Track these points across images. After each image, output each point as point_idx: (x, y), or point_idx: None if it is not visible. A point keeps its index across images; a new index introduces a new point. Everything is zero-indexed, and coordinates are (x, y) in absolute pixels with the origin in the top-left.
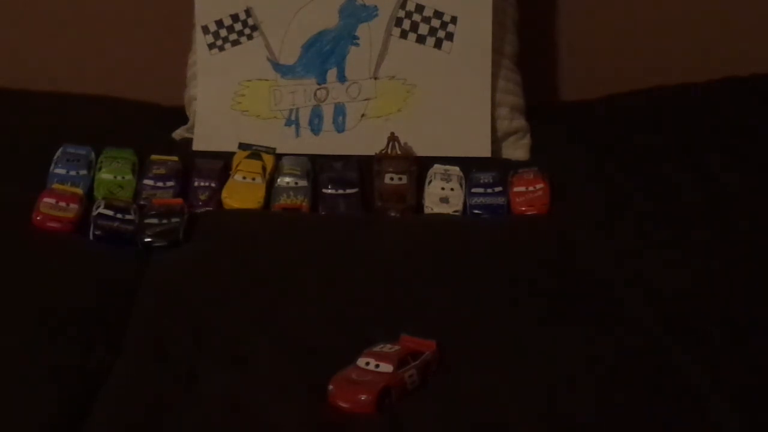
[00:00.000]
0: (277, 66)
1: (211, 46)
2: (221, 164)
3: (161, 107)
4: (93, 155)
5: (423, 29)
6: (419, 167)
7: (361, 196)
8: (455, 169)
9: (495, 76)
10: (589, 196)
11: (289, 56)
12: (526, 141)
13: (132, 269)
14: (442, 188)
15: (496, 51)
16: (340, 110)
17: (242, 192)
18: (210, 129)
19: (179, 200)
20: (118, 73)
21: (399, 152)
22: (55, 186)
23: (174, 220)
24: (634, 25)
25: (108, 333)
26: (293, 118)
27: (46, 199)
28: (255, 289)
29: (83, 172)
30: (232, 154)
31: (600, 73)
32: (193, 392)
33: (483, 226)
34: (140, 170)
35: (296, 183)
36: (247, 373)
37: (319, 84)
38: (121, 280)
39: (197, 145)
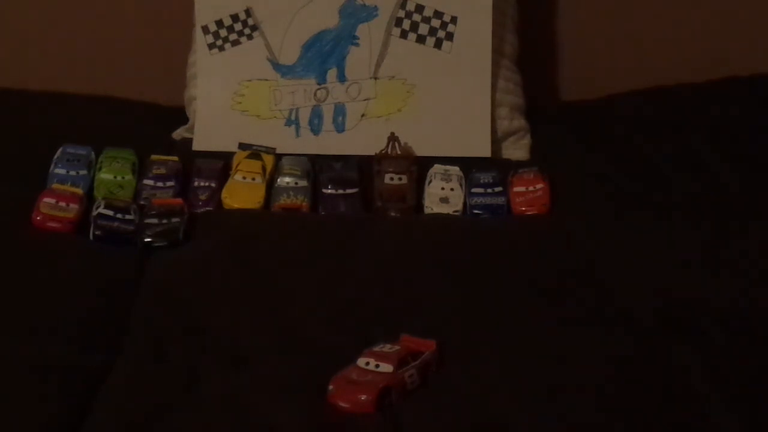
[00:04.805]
0: (277, 66)
1: (211, 46)
2: (221, 164)
3: (161, 107)
4: (93, 155)
5: (423, 29)
6: (419, 167)
7: (361, 196)
8: (455, 169)
9: (495, 76)
10: (589, 196)
11: (289, 56)
12: (526, 141)
13: (132, 269)
14: (442, 188)
15: (496, 51)
16: (340, 110)
17: (242, 192)
18: (210, 129)
19: (179, 200)
20: (118, 73)
21: (399, 152)
22: (55, 186)
23: (174, 220)
24: (634, 25)
25: (108, 333)
26: (293, 118)
27: (46, 199)
28: (255, 289)
29: (83, 172)
30: (232, 154)
31: (600, 73)
32: (193, 392)
33: (483, 226)
34: (140, 170)
35: (296, 183)
36: (248, 373)
37: (319, 84)
38: (121, 280)
39: (197, 145)
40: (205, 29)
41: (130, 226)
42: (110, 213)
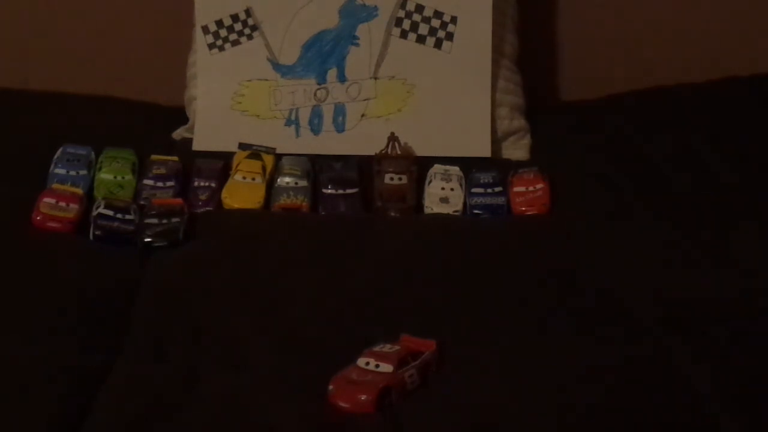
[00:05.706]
0: (277, 66)
1: (211, 46)
2: (221, 164)
3: (161, 107)
4: (93, 155)
5: (423, 29)
6: (419, 167)
7: (361, 196)
8: (455, 169)
9: (495, 76)
10: (589, 196)
11: (289, 56)
12: (526, 141)
13: (132, 269)
14: (442, 188)
15: (496, 51)
16: (340, 110)
17: (242, 192)
18: (210, 129)
19: (179, 200)
20: (118, 73)
21: (399, 152)
22: (55, 186)
23: (174, 220)
24: (633, 25)
25: (108, 333)
26: (293, 118)
27: (46, 199)
28: (255, 289)
29: (83, 172)
30: (232, 154)
31: (600, 73)
32: (193, 392)
33: (483, 226)
34: (140, 170)
35: (296, 183)
36: (247, 373)
37: (319, 84)
38: (121, 280)
39: (197, 145)
40: (205, 29)
41: (130, 226)
42: (110, 213)
